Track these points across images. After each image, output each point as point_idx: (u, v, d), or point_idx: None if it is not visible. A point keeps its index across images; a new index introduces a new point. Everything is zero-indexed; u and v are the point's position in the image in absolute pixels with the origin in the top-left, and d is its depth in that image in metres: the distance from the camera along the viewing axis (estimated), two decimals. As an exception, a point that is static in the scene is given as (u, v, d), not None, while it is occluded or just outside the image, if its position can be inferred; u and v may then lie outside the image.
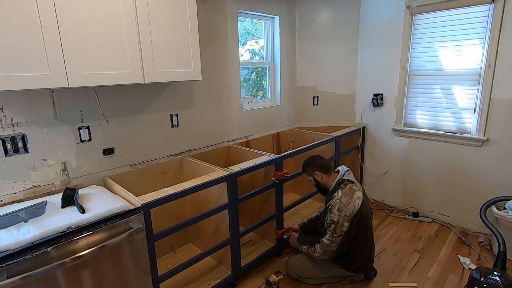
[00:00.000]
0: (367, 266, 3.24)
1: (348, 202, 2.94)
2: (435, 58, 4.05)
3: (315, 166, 3.26)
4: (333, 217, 2.95)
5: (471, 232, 4.12)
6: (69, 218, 2.08)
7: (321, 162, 3.28)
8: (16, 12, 1.94)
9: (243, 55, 4.38)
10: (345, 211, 2.92)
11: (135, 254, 2.33)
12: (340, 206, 2.94)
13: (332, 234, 2.95)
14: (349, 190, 3.02)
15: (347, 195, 2.98)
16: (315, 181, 3.28)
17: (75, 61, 2.19)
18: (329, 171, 3.24)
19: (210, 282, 3.04)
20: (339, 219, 2.92)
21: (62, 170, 2.67)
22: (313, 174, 3.26)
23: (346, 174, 3.15)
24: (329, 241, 2.97)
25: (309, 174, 3.31)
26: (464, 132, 3.98)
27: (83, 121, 2.75)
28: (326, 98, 4.99)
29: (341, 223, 2.92)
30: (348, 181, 3.10)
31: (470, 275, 2.67)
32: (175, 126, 3.44)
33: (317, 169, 3.24)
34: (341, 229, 2.92)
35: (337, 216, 2.93)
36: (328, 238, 2.98)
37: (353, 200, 2.96)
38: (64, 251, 1.94)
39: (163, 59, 2.68)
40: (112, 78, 2.40)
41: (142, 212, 2.31)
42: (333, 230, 2.95)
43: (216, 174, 2.91)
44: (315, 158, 3.33)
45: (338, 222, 2.92)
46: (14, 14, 1.94)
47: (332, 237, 2.96)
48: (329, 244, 2.98)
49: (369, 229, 3.16)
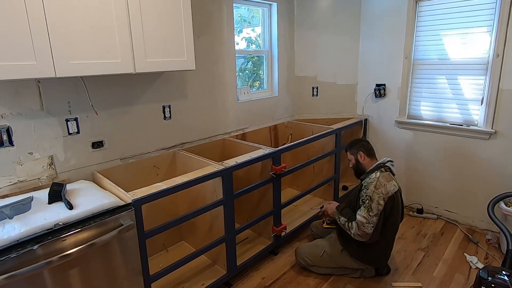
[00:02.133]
0: (379, 260, 3.25)
1: (385, 184, 3.02)
2: (441, 46, 4.06)
3: (362, 147, 3.39)
4: (370, 193, 3.01)
5: (478, 229, 4.14)
6: (56, 215, 2.07)
7: (368, 146, 3.42)
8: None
9: (239, 43, 4.37)
10: (382, 190, 2.99)
11: (126, 253, 2.33)
12: (377, 184, 3.01)
13: (368, 212, 2.98)
14: (388, 175, 3.10)
15: (385, 177, 3.06)
16: (355, 161, 3.39)
17: (62, 50, 2.18)
18: (373, 156, 3.37)
19: (204, 282, 3.05)
20: (375, 195, 2.98)
21: (49, 164, 2.67)
22: (357, 154, 3.36)
23: (389, 163, 3.26)
24: (365, 219, 2.98)
25: (352, 152, 3.43)
26: (471, 125, 4.00)
27: (71, 113, 2.74)
28: (326, 88, 4.99)
29: (377, 201, 2.97)
30: (389, 168, 3.20)
31: (477, 274, 2.66)
32: (168, 118, 3.44)
33: (363, 150, 3.36)
34: (377, 207, 2.97)
35: (374, 192, 2.99)
36: (364, 215, 2.99)
37: (389, 184, 3.04)
38: (51, 249, 1.94)
39: (155, 48, 2.67)
40: (101, 67, 2.38)
41: (133, 208, 2.31)
42: (369, 206, 2.98)
43: (211, 169, 2.91)
44: (363, 140, 3.51)
45: (374, 199, 2.97)
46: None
47: (369, 215, 2.97)
48: (365, 223, 2.98)
49: (396, 221, 3.18)
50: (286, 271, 3.46)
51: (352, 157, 3.41)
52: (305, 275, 3.38)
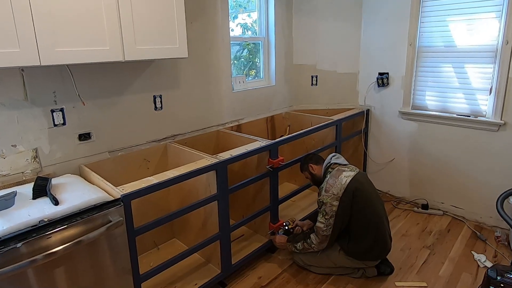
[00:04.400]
0: (375, 252, 3.24)
1: (335, 182, 3.16)
2: (447, 33, 4.06)
3: (309, 160, 3.61)
4: (322, 198, 3.17)
5: (486, 226, 4.15)
6: (41, 211, 2.08)
7: (314, 156, 3.66)
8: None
9: (233, 30, 4.36)
10: (332, 190, 3.12)
11: (114, 251, 2.34)
12: (327, 187, 3.16)
13: (324, 216, 3.14)
14: (336, 172, 3.25)
15: (333, 176, 3.22)
16: (310, 175, 3.55)
17: (47, 37, 2.17)
18: (320, 162, 3.53)
19: (197, 282, 3.06)
20: (327, 199, 3.12)
21: (33, 157, 2.67)
22: (308, 168, 3.53)
23: (333, 158, 3.43)
24: (322, 224, 3.14)
25: (304, 169, 3.65)
26: (479, 115, 4.01)
27: (56, 103, 2.74)
28: (326, 77, 4.99)
29: (330, 203, 3.11)
30: (336, 164, 3.37)
31: (486, 273, 2.67)
32: (159, 109, 3.44)
33: (311, 162, 3.57)
34: (331, 208, 3.10)
35: (325, 196, 3.14)
36: (321, 220, 3.16)
37: (340, 179, 3.16)
38: (36, 247, 1.94)
39: (145, 34, 2.66)
40: (88, 55, 2.38)
41: (122, 204, 2.32)
42: (324, 211, 3.14)
43: (204, 162, 2.92)
44: (308, 154, 3.70)
45: (327, 203, 3.12)
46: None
47: (325, 219, 3.13)
48: (323, 227, 3.14)
49: (369, 208, 3.19)
50: (284, 270, 3.48)
51: (307, 173, 3.60)
52: (303, 275, 3.40)
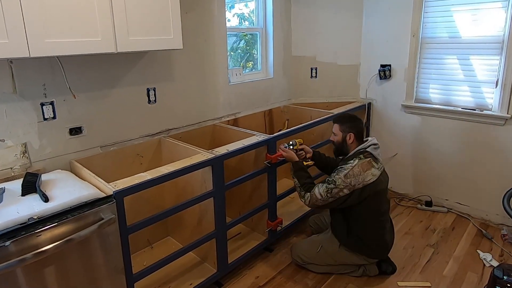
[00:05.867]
0: (380, 250, 3.28)
1: (359, 174, 3.02)
2: (451, 24, 4.06)
3: (355, 128, 3.27)
4: (337, 179, 3.04)
5: (492, 224, 4.17)
6: (30, 208, 2.07)
7: (361, 128, 3.32)
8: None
9: (230, 20, 4.35)
10: (351, 180, 3.01)
11: (106, 249, 2.34)
12: (349, 174, 3.02)
13: (327, 193, 3.06)
14: (366, 164, 3.07)
15: (361, 166, 3.05)
16: (342, 140, 3.29)
17: (37, 27, 2.16)
18: (361, 139, 3.29)
19: (192, 281, 3.07)
20: (341, 183, 3.02)
21: (22, 152, 2.67)
22: (347, 134, 3.25)
23: (372, 147, 3.19)
24: (320, 196, 3.09)
25: (342, 129, 3.29)
26: (485, 109, 4.02)
27: (46, 96, 2.73)
28: (325, 69, 4.99)
29: (341, 188, 3.03)
30: (370, 154, 3.15)
31: (492, 273, 2.69)
32: (152, 102, 3.44)
33: (355, 132, 3.26)
34: (338, 193, 3.04)
35: (340, 179, 3.02)
36: (321, 193, 3.09)
37: (365, 174, 3.03)
38: (25, 246, 1.94)
39: (138, 25, 2.65)
40: (79, 46, 2.37)
41: (114, 201, 2.31)
42: (330, 189, 3.06)
43: (200, 157, 2.92)
44: (358, 119, 3.35)
45: (339, 186, 3.03)
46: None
47: (326, 195, 3.07)
48: (319, 199, 3.10)
49: (377, 207, 3.19)
50: (282, 269, 3.48)
51: (340, 134, 3.30)
52: (302, 274, 3.41)
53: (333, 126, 3.38)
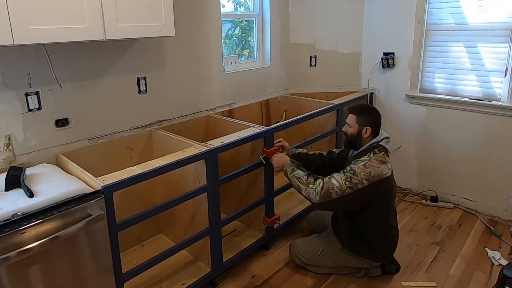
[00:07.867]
0: (389, 252, 3.28)
1: (378, 166, 2.97)
2: (458, 9, 4.06)
3: (373, 122, 3.20)
4: (356, 169, 2.96)
5: (501, 220, 4.17)
6: (14, 204, 2.07)
7: (379, 123, 3.24)
8: None
9: (225, 6, 4.33)
10: (370, 171, 2.94)
11: (95, 247, 2.34)
12: (368, 164, 2.97)
13: (346, 181, 2.93)
14: (382, 158, 3.03)
15: (377, 160, 3.00)
16: (357, 133, 3.21)
17: (21, 13, 2.14)
18: (377, 135, 3.21)
19: (185, 281, 3.08)
20: (361, 173, 2.93)
21: (6, 145, 2.66)
22: (365, 127, 3.17)
23: (385, 141, 3.17)
24: (338, 184, 2.94)
25: (359, 122, 3.19)
26: (493, 99, 4.02)
27: (31, 86, 2.72)
28: (325, 58, 4.99)
29: (360, 178, 2.92)
30: (384, 149, 3.13)
31: (501, 272, 2.70)
32: (143, 92, 3.43)
33: (372, 126, 3.18)
34: (356, 183, 2.93)
35: (361, 170, 2.94)
36: (340, 181, 2.95)
37: (382, 167, 2.99)
38: (8, 243, 1.94)
39: (128, 11, 2.64)
40: (66, 34, 2.36)
41: (102, 196, 2.31)
42: (349, 178, 2.94)
43: (193, 150, 2.92)
44: (378, 113, 3.28)
45: (359, 175, 2.92)
46: None
47: (345, 183, 2.93)
48: (336, 186, 2.94)
49: (386, 206, 3.18)
50: (280, 268, 3.49)
51: (356, 126, 3.19)
52: (301, 274, 3.41)
53: (348, 116, 3.28)
